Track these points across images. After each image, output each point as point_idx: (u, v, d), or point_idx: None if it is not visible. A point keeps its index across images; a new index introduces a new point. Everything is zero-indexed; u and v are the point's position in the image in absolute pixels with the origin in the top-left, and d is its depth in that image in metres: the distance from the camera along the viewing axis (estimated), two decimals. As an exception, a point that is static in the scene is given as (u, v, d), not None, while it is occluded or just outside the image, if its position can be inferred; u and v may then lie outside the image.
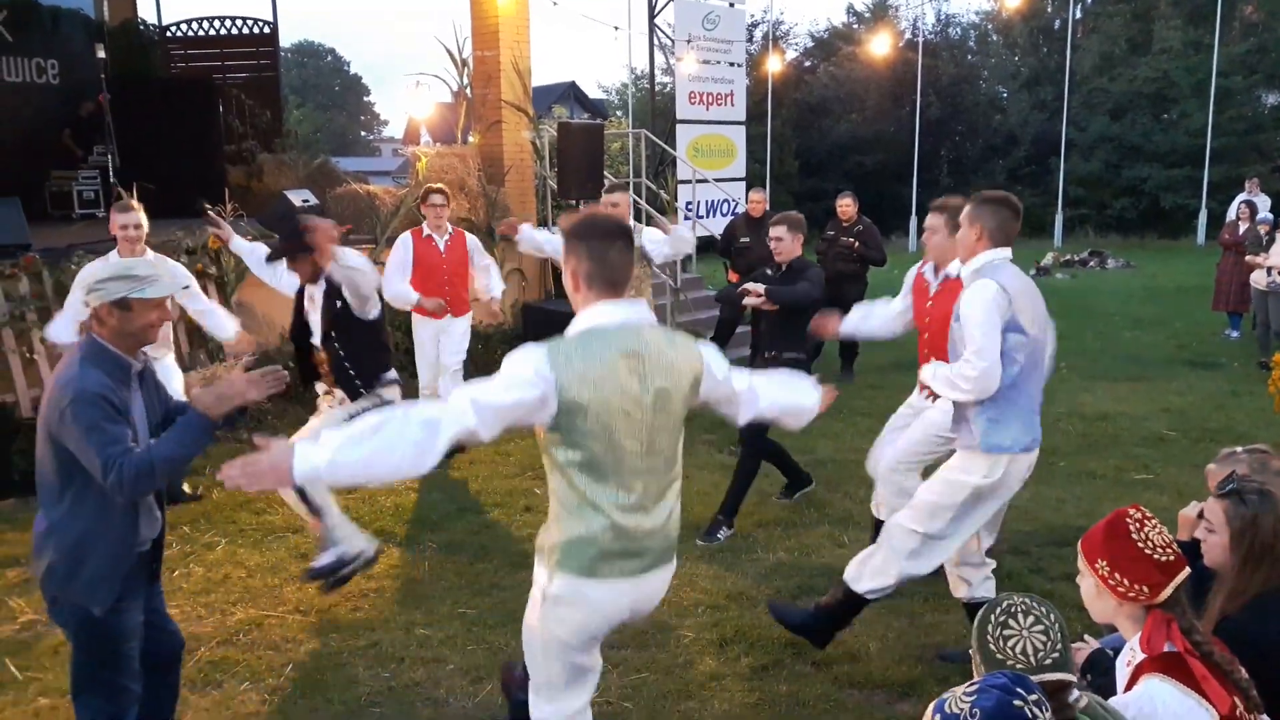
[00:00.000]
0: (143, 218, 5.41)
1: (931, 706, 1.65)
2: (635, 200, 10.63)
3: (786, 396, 2.84)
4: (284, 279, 4.75)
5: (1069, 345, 9.41)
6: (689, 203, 11.36)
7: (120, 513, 2.67)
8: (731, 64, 12.23)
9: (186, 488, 5.83)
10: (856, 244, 8.86)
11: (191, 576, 4.70)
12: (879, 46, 21.20)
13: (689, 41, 10.89)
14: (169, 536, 5.08)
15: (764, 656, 3.86)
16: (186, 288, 5.36)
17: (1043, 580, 4.51)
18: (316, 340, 4.38)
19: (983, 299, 3.35)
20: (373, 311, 4.30)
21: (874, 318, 4.66)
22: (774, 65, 22.29)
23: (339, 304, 4.20)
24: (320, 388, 4.53)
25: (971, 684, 1.64)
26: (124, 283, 2.62)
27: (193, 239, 7.59)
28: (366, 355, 4.34)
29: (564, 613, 2.40)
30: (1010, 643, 1.84)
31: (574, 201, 9.46)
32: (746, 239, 8.99)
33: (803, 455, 5.99)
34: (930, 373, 3.62)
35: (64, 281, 6.78)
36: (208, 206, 6.85)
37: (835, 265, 8.81)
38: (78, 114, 12.75)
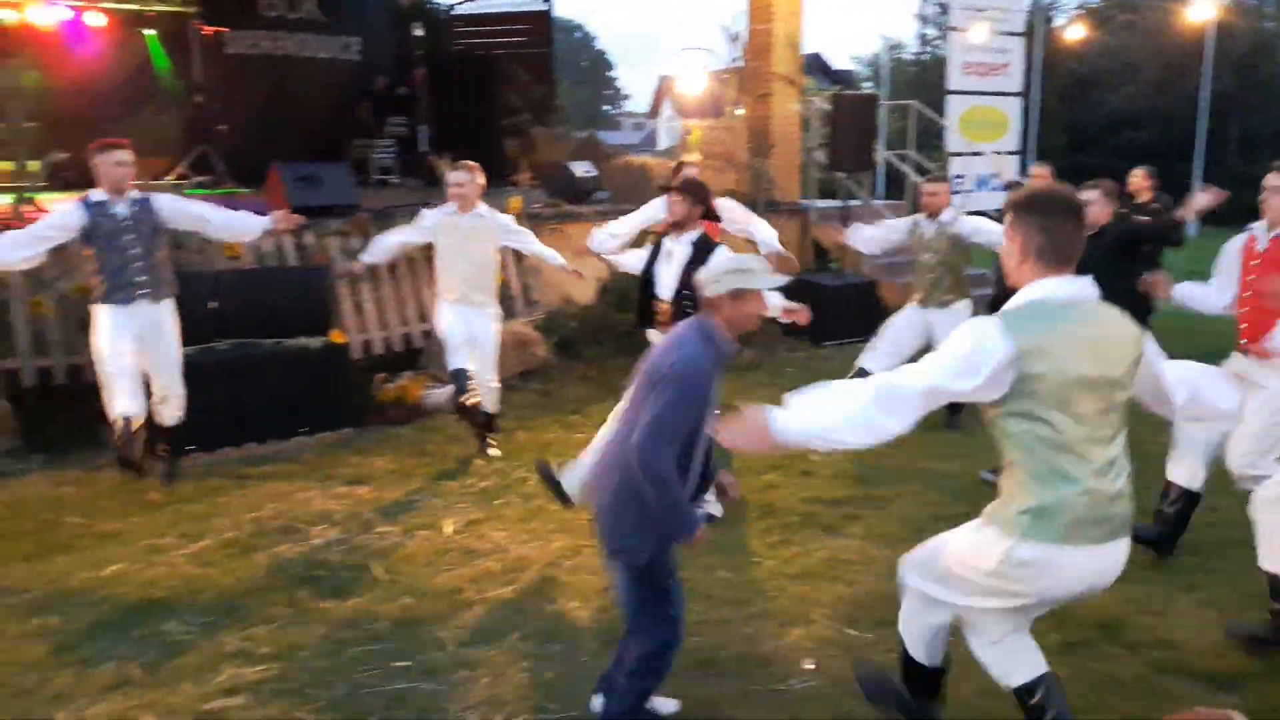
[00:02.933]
0: (467, 176, 5.90)
1: None
2: (907, 174, 10.47)
3: (1207, 388, 2.74)
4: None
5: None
6: (958, 176, 11.05)
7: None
8: (1009, 33, 11.71)
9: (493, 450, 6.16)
10: (1149, 221, 8.34)
11: (511, 505, 5.19)
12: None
13: (981, 11, 10.53)
14: (488, 468, 5.66)
15: (1073, 634, 3.82)
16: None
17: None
18: (664, 294, 4.73)
19: None
20: None
21: (1199, 290, 4.46)
22: (1047, 33, 21.04)
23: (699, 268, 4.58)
24: (653, 334, 4.88)
25: None
26: (738, 276, 2.88)
27: (495, 205, 8.20)
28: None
29: (1027, 576, 2.51)
30: None
31: (845, 171, 9.45)
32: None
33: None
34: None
35: (389, 238, 7.56)
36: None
37: (1125, 245, 8.35)
38: (374, 88, 13.98)
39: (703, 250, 4.70)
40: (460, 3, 15.53)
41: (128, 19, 11.80)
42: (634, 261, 5.44)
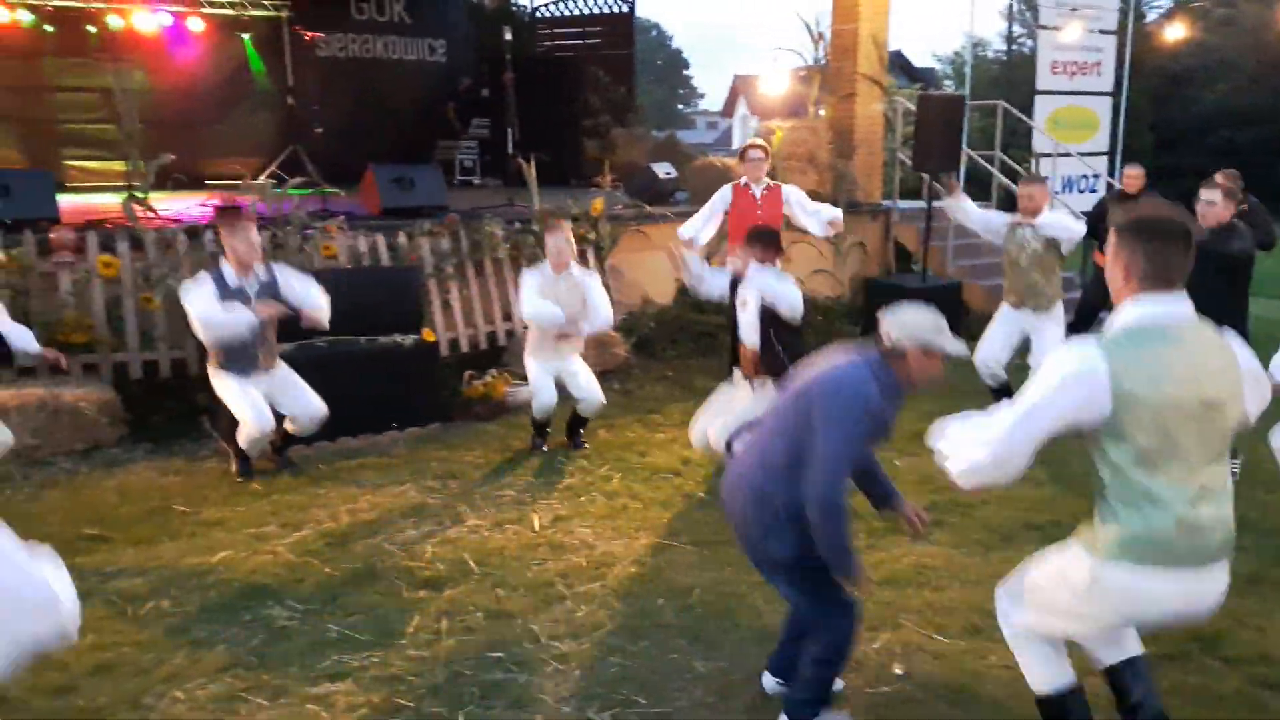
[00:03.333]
0: (564, 240, 5.98)
1: None
2: (993, 174, 10.31)
3: None
4: (714, 284, 5.61)
5: None
6: (1045, 177, 10.81)
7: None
8: (1102, 31, 11.44)
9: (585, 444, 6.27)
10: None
11: (595, 502, 5.27)
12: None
13: (1074, 10, 10.31)
14: (572, 465, 5.76)
15: (1167, 646, 3.75)
16: None
17: None
18: (748, 341, 5.00)
19: None
20: (799, 317, 4.92)
21: None
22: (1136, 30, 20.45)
23: (776, 313, 4.87)
24: (739, 372, 5.14)
25: None
26: (933, 334, 2.92)
27: (578, 206, 8.34)
28: (793, 350, 4.91)
29: (1114, 600, 2.53)
30: None
31: (925, 175, 9.36)
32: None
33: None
34: None
35: (478, 240, 7.74)
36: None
37: (1214, 248, 8.12)
38: (458, 90, 14.24)
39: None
40: (543, 5, 15.72)
41: (225, 24, 12.24)
42: (712, 286, 5.64)
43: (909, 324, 2.94)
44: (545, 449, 6.12)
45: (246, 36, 12.38)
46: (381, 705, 3.38)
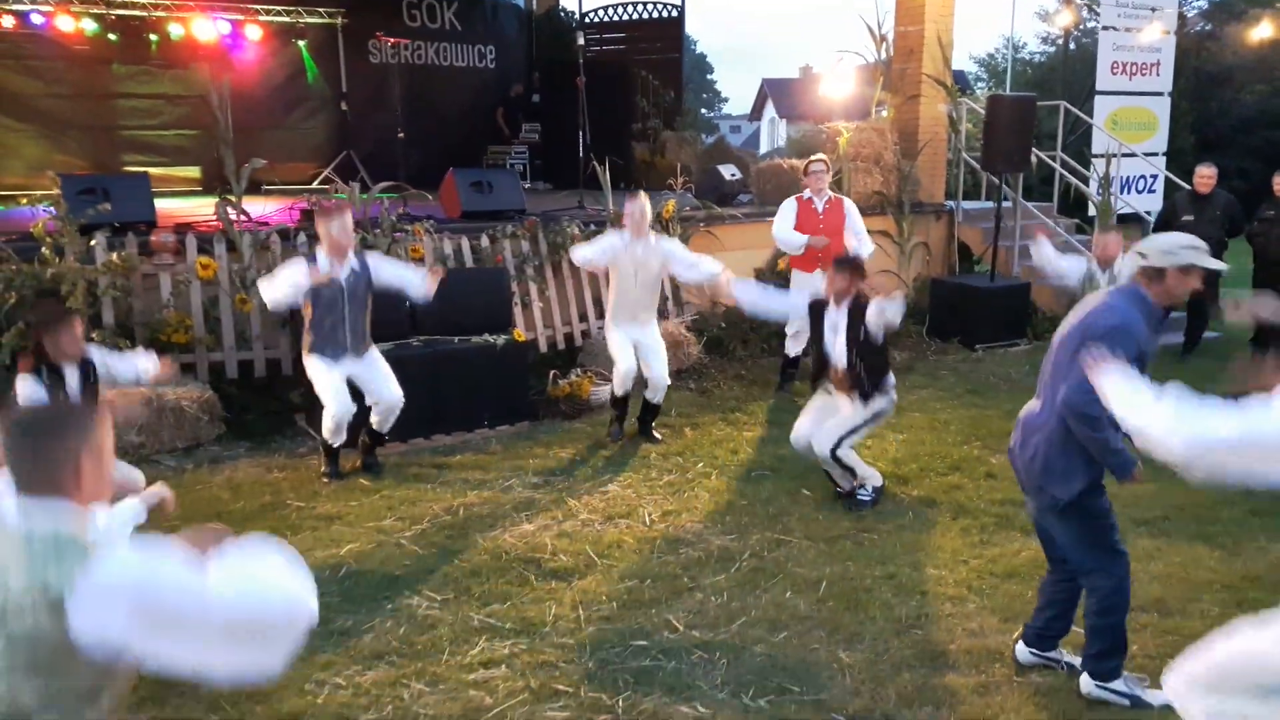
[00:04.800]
0: (640, 205, 6.18)
1: None
2: (1061, 174, 10.32)
3: None
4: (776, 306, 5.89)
5: None
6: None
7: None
8: (1163, 31, 11.43)
9: (657, 434, 6.41)
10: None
11: (700, 499, 5.33)
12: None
13: (1136, 10, 10.32)
14: (666, 463, 5.81)
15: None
16: None
17: None
18: (840, 362, 5.10)
19: None
20: (882, 337, 5.06)
21: None
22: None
23: (862, 335, 4.99)
24: (829, 387, 5.25)
25: None
26: (1193, 253, 3.14)
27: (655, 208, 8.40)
28: (878, 369, 5.10)
29: None
30: None
31: (998, 176, 9.39)
32: (1190, 217, 8.46)
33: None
34: None
35: (556, 241, 7.82)
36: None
37: (1277, 248, 8.20)
38: (508, 95, 14.36)
39: (857, 312, 5.03)
40: (591, 11, 15.82)
41: (281, 30, 12.41)
42: (772, 307, 5.83)
43: (1169, 245, 3.18)
44: (622, 438, 6.29)
45: (302, 43, 12.53)
46: (541, 691, 3.44)
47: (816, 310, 5.28)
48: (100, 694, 1.93)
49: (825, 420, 5.20)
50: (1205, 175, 8.56)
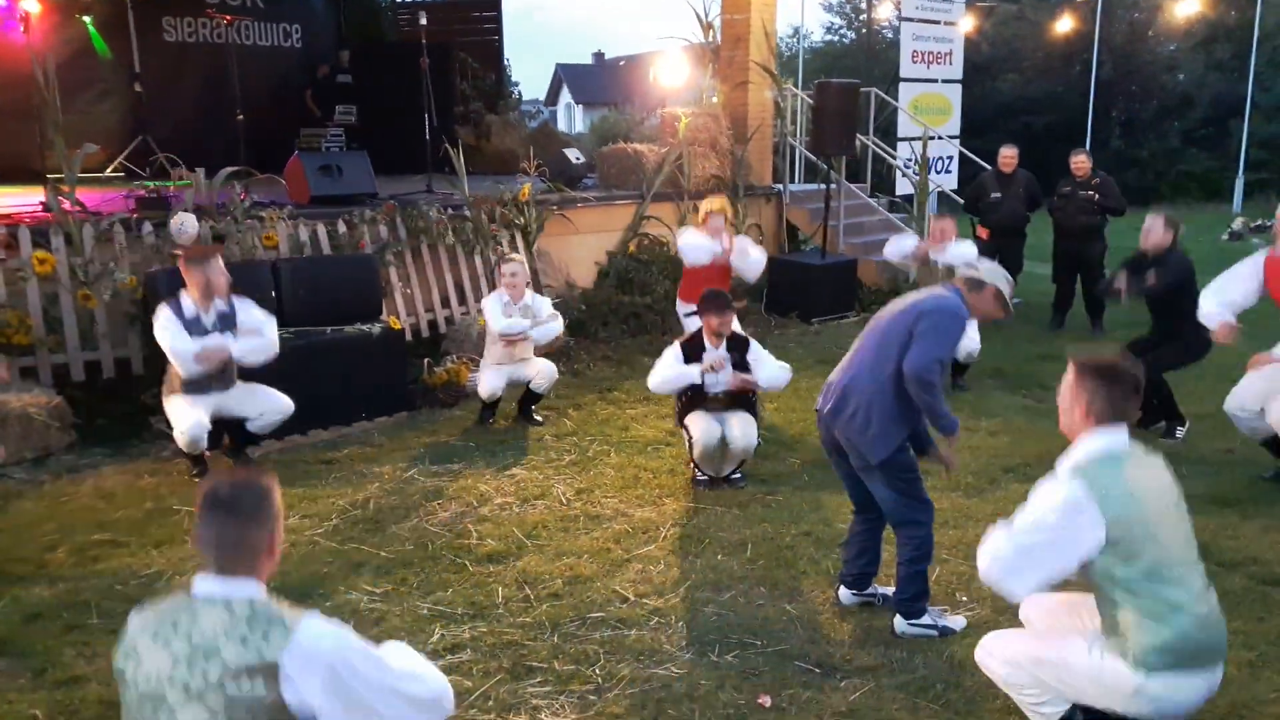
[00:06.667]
0: (520, 267, 6.33)
1: None
2: (875, 156, 11.03)
3: None
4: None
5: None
6: (908, 160, 11.70)
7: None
8: (949, 23, 12.47)
9: (538, 416, 6.46)
10: (1096, 196, 9.07)
11: (607, 475, 5.44)
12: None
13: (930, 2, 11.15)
14: (563, 444, 5.88)
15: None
16: None
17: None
18: (718, 390, 5.30)
19: None
20: None
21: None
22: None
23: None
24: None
25: None
26: (1005, 285, 3.68)
27: (510, 191, 8.39)
28: None
29: (1155, 704, 2.65)
30: None
31: (829, 155, 9.94)
32: (997, 194, 9.32)
33: None
34: None
35: (417, 226, 7.66)
36: None
37: (1076, 219, 9.08)
38: (316, 76, 13.75)
39: (738, 348, 5.30)
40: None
41: (63, 4, 11.34)
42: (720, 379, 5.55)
43: (996, 273, 3.69)
44: (492, 421, 6.36)
45: (88, 19, 11.50)
46: (515, 669, 3.47)
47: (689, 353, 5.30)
48: None
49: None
50: (1008, 155, 9.45)
